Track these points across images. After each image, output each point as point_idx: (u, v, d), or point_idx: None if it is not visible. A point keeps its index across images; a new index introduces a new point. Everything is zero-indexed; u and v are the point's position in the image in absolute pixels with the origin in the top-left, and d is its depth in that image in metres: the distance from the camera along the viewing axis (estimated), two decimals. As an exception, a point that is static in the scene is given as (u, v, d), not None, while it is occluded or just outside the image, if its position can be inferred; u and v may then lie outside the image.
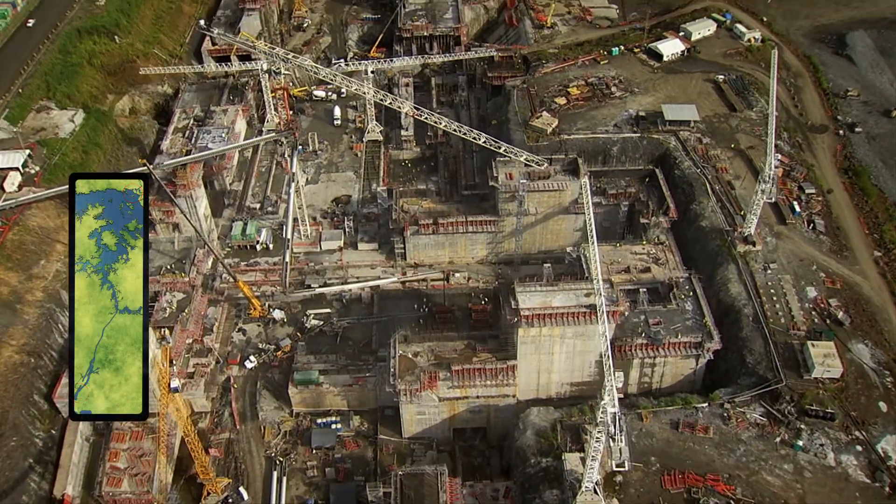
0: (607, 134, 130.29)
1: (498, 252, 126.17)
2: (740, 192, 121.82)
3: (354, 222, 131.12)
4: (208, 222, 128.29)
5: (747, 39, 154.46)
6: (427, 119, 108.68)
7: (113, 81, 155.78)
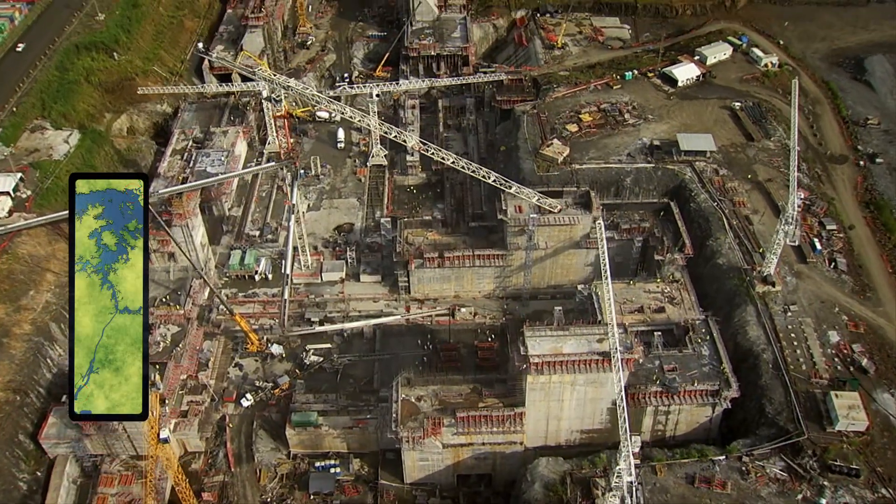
0: (620, 164, 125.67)
1: (506, 286, 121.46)
2: (758, 227, 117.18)
3: (357, 252, 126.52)
4: (205, 251, 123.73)
5: (764, 64, 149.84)
6: (434, 154, 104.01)
7: (111, 99, 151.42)
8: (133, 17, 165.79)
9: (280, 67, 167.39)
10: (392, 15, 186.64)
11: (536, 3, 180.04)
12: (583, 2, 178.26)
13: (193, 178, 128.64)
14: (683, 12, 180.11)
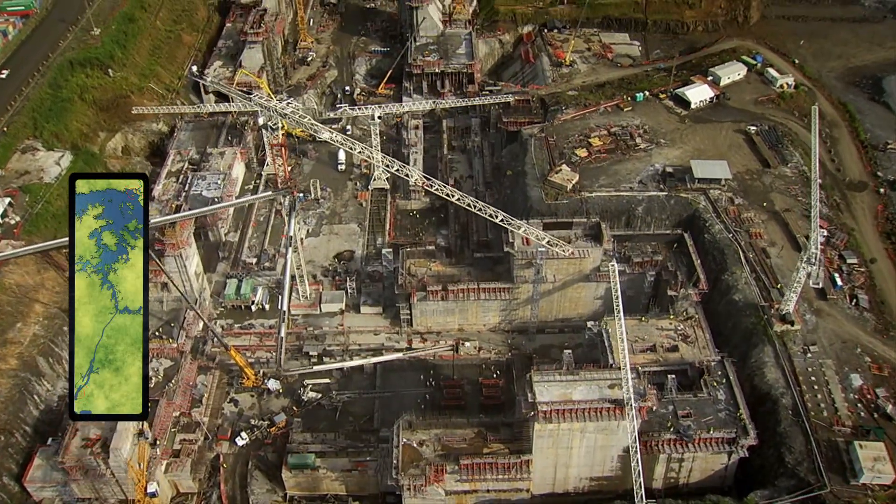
0: (632, 192, 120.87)
1: (512, 319, 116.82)
2: (776, 261, 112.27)
3: (357, 282, 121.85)
4: (200, 280, 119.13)
5: (780, 85, 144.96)
6: (439, 191, 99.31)
7: (105, 118, 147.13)
8: (129, 31, 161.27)
9: (280, 84, 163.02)
10: (395, 29, 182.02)
11: (543, 18, 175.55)
12: (591, 17, 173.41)
13: (188, 204, 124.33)
14: (694, 28, 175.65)
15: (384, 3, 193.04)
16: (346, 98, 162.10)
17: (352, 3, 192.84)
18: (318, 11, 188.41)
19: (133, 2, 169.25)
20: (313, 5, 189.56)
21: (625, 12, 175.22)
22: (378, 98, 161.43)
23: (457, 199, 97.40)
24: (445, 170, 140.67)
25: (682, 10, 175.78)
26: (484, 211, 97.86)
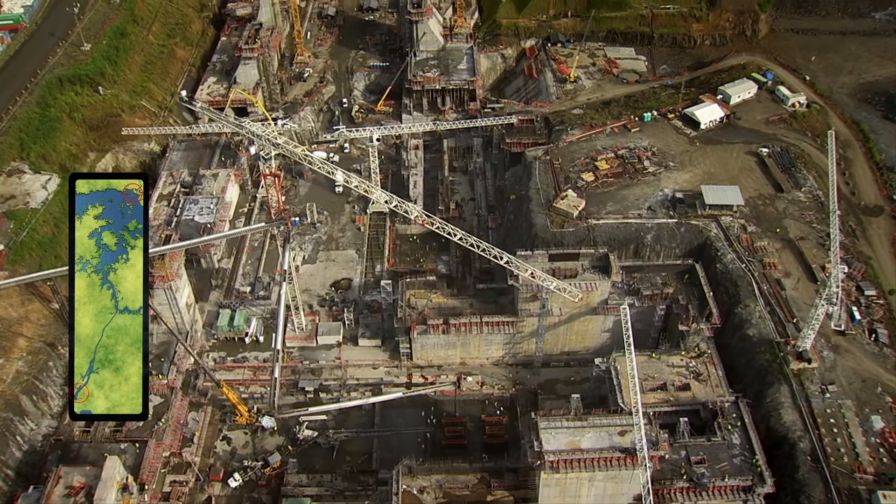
0: (640, 219, 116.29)
1: (516, 353, 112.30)
2: (791, 293, 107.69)
3: (355, 312, 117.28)
4: (191, 311, 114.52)
5: (791, 104, 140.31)
6: (440, 229, 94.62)
7: (95, 137, 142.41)
8: (120, 46, 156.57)
9: (276, 100, 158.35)
10: (395, 43, 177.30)
11: (547, 32, 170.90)
12: (595, 31, 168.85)
13: (179, 230, 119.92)
14: (702, 42, 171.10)
15: (384, 16, 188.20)
16: (344, 115, 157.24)
17: (350, 15, 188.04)
18: (315, 24, 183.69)
19: (125, 15, 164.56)
20: (311, 18, 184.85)
21: (630, 26, 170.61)
22: (377, 115, 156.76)
23: (459, 238, 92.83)
24: (446, 192, 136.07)
25: (689, 23, 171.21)
26: (488, 252, 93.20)
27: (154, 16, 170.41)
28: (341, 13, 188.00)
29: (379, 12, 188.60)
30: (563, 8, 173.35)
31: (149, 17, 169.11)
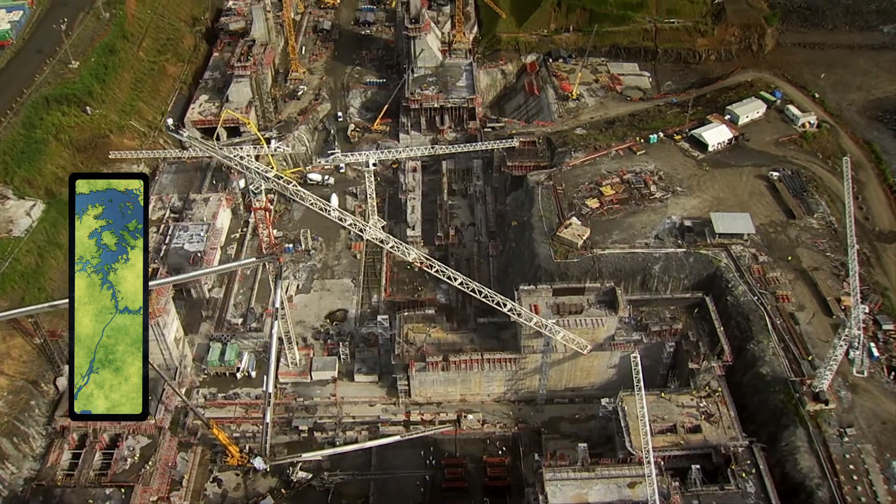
0: (648, 248, 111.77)
1: (518, 389, 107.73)
2: (805, 327, 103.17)
3: (351, 346, 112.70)
4: (180, 345, 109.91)
5: (801, 124, 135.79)
6: (439, 273, 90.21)
7: (83, 159, 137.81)
8: (109, 64, 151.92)
9: (269, 119, 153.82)
10: (392, 58, 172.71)
11: (548, 47, 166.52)
12: (598, 46, 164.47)
13: (168, 260, 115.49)
14: (707, 57, 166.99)
15: (380, 29, 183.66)
16: (339, 134, 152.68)
17: (346, 29, 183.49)
18: (310, 38, 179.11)
19: (114, 31, 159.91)
20: (306, 32, 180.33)
21: (633, 41, 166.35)
22: (373, 134, 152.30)
23: (459, 283, 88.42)
24: (445, 217, 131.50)
25: (694, 38, 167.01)
26: (491, 298, 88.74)
27: (145, 31, 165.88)
28: (337, 27, 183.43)
29: (375, 26, 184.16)
30: (565, 22, 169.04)
31: (139, 32, 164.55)
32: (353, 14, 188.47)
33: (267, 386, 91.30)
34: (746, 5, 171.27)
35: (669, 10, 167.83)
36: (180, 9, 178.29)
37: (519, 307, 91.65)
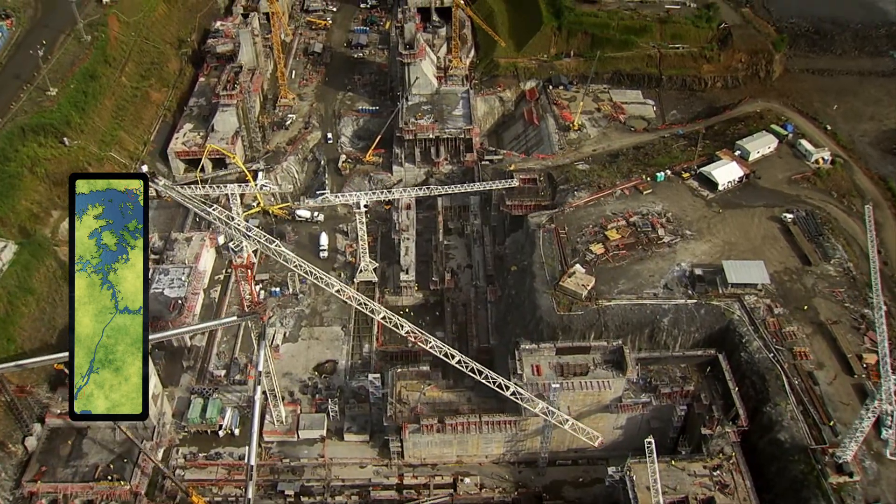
0: (656, 299, 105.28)
1: (518, 450, 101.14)
2: (826, 388, 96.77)
3: (341, 402, 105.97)
4: (158, 402, 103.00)
5: (815, 160, 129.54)
6: (435, 350, 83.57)
7: (60, 194, 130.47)
8: (89, 91, 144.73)
9: (257, 149, 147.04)
10: (385, 84, 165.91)
11: (548, 73, 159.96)
12: (600, 72, 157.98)
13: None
14: (713, 85, 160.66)
15: (373, 52, 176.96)
16: (330, 165, 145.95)
17: (338, 52, 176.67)
18: (301, 62, 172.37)
19: (96, 55, 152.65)
20: (296, 54, 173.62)
21: (637, 67, 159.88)
22: (365, 166, 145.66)
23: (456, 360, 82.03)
24: (441, 259, 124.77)
25: (700, 64, 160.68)
26: (492, 380, 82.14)
27: (128, 55, 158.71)
28: (329, 49, 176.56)
29: (368, 48, 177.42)
30: (566, 47, 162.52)
31: (122, 56, 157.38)
32: (346, 36, 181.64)
33: (249, 458, 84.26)
34: (753, 30, 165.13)
35: (674, 35, 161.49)
36: (166, 30, 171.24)
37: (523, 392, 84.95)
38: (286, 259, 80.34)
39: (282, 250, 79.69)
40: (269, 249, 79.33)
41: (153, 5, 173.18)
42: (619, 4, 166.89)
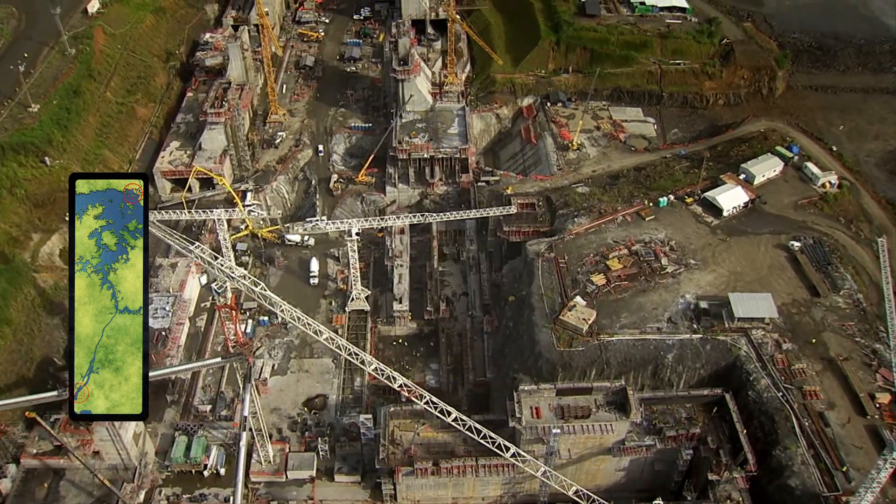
0: (660, 334, 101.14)
1: (516, 492, 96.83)
2: (837, 430, 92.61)
3: (331, 440, 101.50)
4: (140, 441, 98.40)
5: (821, 184, 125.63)
6: (429, 406, 79.18)
7: (40, 216, 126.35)
8: (73, 107, 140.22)
9: (246, 168, 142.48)
10: (378, 99, 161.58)
11: (546, 89, 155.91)
12: (599, 88, 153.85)
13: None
14: (715, 102, 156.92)
15: (367, 66, 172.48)
16: (321, 184, 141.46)
17: (330, 66, 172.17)
18: (292, 75, 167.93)
19: (80, 70, 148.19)
20: (287, 68, 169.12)
21: (637, 83, 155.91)
22: (358, 186, 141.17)
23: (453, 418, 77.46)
24: (436, 287, 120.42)
25: (701, 81, 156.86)
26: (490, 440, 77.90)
27: (113, 69, 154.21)
28: (321, 63, 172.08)
29: (362, 62, 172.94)
30: (564, 62, 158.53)
31: (107, 70, 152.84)
32: (338, 48, 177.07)
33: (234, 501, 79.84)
34: (756, 46, 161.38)
35: (675, 50, 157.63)
36: (153, 43, 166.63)
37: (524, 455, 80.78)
38: (272, 303, 75.79)
39: (268, 294, 75.28)
40: (254, 293, 74.81)
41: (141, 16, 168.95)
42: (618, 19, 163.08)
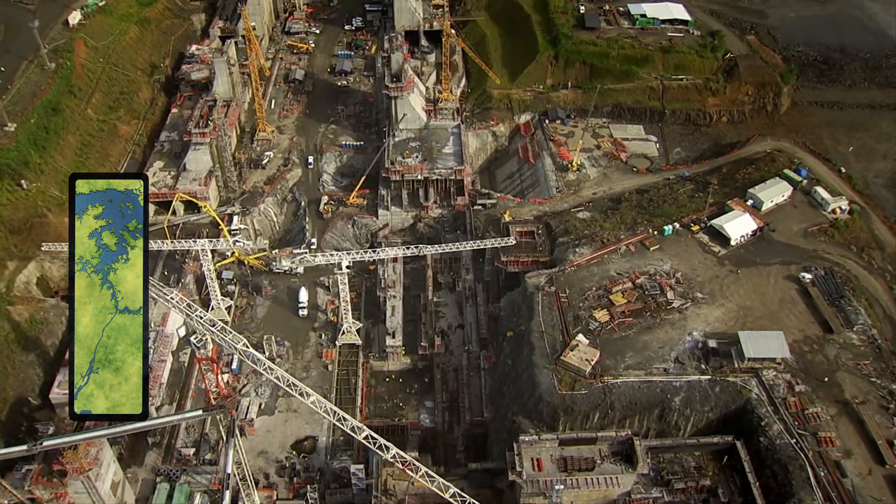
0: (667, 375, 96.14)
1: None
2: (855, 480, 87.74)
3: (321, 486, 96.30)
4: (119, 490, 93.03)
5: (832, 210, 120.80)
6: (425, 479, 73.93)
7: (17, 242, 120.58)
8: (51, 126, 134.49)
9: (232, 189, 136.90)
10: (371, 116, 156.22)
11: (544, 105, 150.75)
12: (599, 105, 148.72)
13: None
14: (718, 119, 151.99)
15: (358, 80, 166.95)
16: (311, 206, 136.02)
17: (321, 79, 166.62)
18: (281, 90, 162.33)
19: (59, 85, 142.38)
20: (276, 82, 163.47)
21: (638, 100, 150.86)
22: (349, 208, 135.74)
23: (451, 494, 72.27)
24: (430, 320, 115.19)
25: (704, 97, 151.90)
26: None
27: (95, 84, 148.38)
28: (311, 76, 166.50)
29: (353, 75, 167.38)
30: (563, 78, 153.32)
31: (88, 86, 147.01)
32: (329, 61, 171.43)
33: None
34: (760, 61, 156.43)
35: (677, 65, 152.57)
36: (137, 56, 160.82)
37: None
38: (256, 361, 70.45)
39: (251, 352, 69.91)
40: (236, 349, 69.42)
41: (124, 28, 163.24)
42: (619, 32, 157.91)
